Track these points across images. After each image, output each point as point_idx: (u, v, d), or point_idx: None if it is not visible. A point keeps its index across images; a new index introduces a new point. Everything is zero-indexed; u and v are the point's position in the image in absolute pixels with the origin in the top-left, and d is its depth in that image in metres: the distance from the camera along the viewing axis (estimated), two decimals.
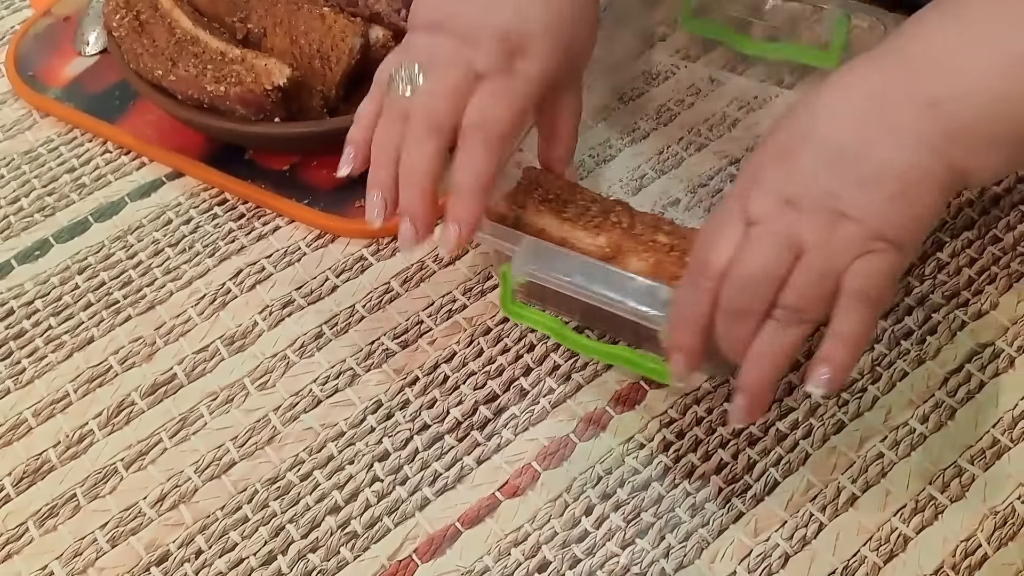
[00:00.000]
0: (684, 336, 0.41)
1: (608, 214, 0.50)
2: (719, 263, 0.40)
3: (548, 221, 0.49)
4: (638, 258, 0.48)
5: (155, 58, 0.59)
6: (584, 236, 0.49)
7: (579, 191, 0.51)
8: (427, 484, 0.49)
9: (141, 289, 0.57)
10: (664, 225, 0.49)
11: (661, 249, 0.48)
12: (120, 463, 0.50)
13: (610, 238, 0.49)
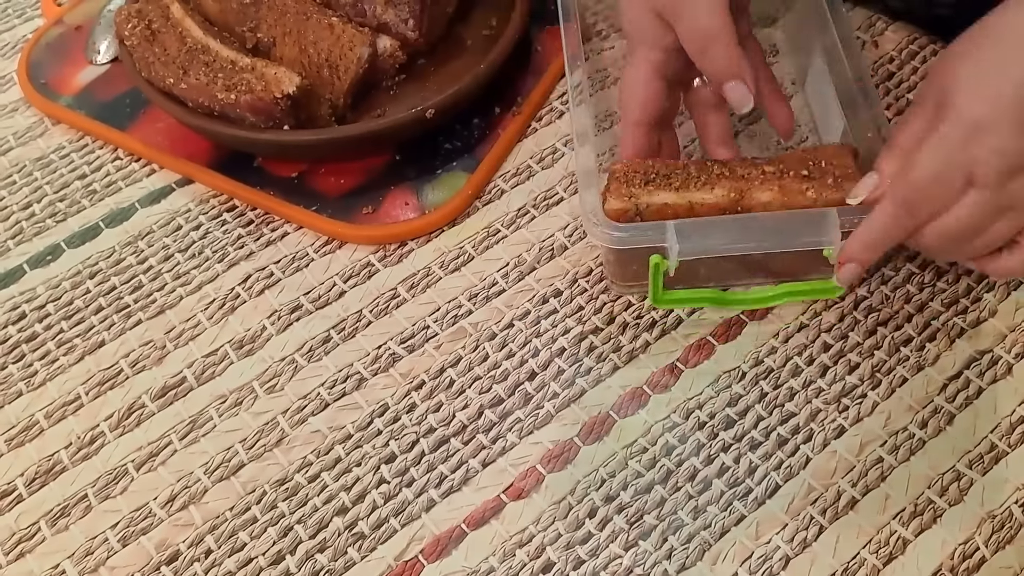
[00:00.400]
0: (867, 251, 0.47)
1: (708, 170, 0.51)
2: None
3: (666, 196, 0.50)
4: (761, 192, 0.50)
5: (166, 66, 0.60)
6: (704, 195, 0.50)
7: (668, 163, 0.52)
8: (433, 486, 0.49)
9: (151, 294, 0.58)
10: (756, 160, 0.52)
11: (772, 177, 0.50)
12: (131, 464, 0.51)
13: (726, 186, 0.50)
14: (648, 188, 0.50)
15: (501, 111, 0.64)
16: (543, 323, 0.55)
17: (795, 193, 0.50)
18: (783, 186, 0.50)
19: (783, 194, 0.50)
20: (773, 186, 0.50)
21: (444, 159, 0.62)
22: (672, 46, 0.51)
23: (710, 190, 0.50)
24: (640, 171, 0.51)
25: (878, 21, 0.69)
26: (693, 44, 0.50)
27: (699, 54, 0.50)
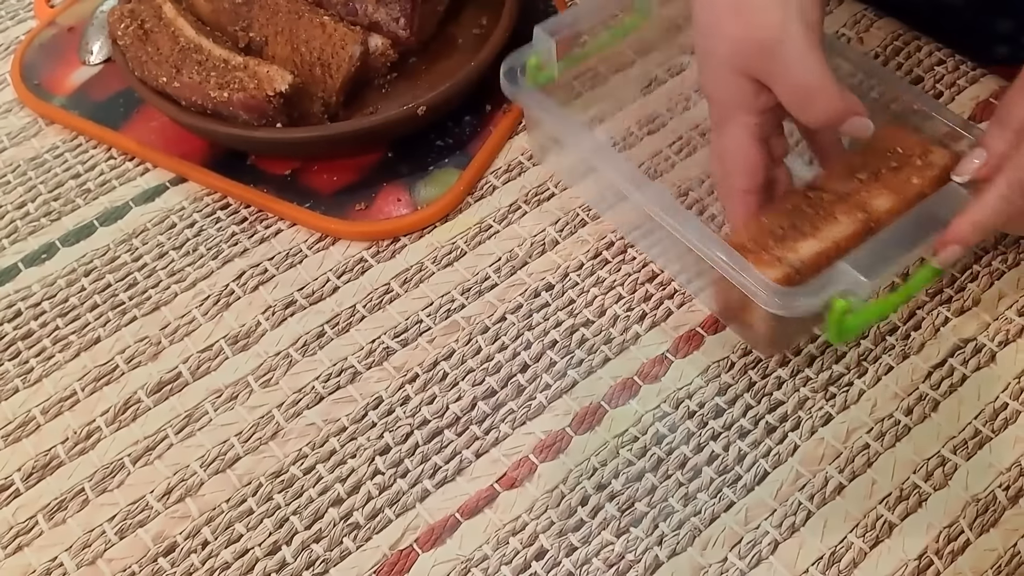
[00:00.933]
0: (977, 233, 0.47)
1: (817, 202, 0.50)
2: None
3: (811, 245, 0.48)
4: (878, 200, 0.49)
5: (159, 66, 0.61)
6: (838, 229, 0.49)
7: (778, 213, 0.50)
8: (427, 477, 0.50)
9: (146, 291, 0.58)
10: (852, 172, 0.51)
11: (873, 182, 0.50)
12: (127, 458, 0.51)
13: (847, 211, 0.49)
14: (787, 245, 0.48)
15: (492, 108, 0.65)
16: (535, 316, 0.56)
17: (904, 187, 0.50)
18: (889, 186, 0.50)
19: (896, 192, 0.50)
20: (881, 190, 0.50)
21: (436, 156, 0.63)
22: (767, 107, 0.49)
23: (837, 221, 0.49)
24: (766, 231, 0.49)
25: (863, 17, 0.70)
26: (795, 102, 0.47)
27: (802, 111, 0.47)
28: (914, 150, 0.52)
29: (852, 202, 0.50)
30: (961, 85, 0.65)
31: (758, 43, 0.46)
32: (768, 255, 0.48)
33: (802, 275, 0.48)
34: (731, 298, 0.51)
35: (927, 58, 0.67)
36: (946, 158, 0.52)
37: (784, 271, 0.47)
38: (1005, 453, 0.49)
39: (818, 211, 0.49)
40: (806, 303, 0.46)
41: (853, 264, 0.47)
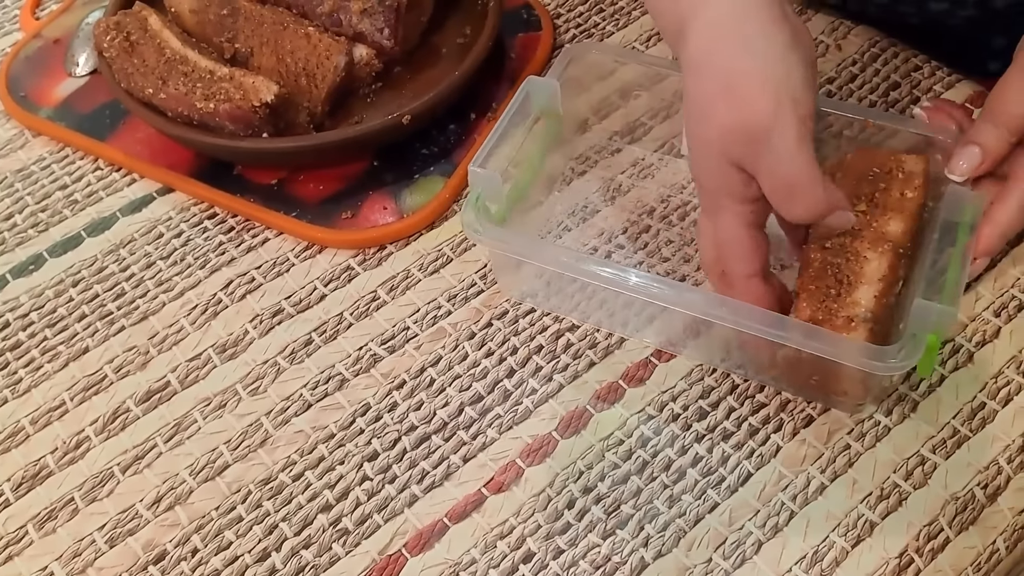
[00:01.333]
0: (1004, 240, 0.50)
1: (845, 248, 0.50)
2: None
3: (867, 291, 0.49)
4: (889, 226, 0.50)
5: (145, 77, 0.61)
6: (876, 267, 0.49)
7: (814, 270, 0.50)
8: (415, 482, 0.50)
9: (134, 300, 0.59)
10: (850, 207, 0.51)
11: (874, 209, 0.51)
12: (116, 467, 0.52)
13: (873, 247, 0.50)
14: (846, 301, 0.48)
15: (476, 117, 0.66)
16: (521, 322, 0.57)
17: (904, 204, 0.51)
18: (890, 208, 0.51)
19: (900, 211, 0.51)
20: (886, 214, 0.51)
21: (421, 164, 0.64)
22: (758, 196, 0.47)
23: (869, 260, 0.49)
24: (819, 298, 0.49)
25: (840, 25, 0.71)
26: (778, 197, 0.46)
27: (784, 206, 0.46)
28: (889, 165, 0.53)
29: (870, 236, 0.50)
30: (937, 91, 0.66)
31: (747, 131, 0.44)
32: (838, 319, 0.48)
33: (877, 323, 0.48)
34: (816, 373, 0.51)
35: (903, 64, 0.68)
36: (921, 162, 0.53)
37: (865, 329, 0.47)
38: (983, 452, 0.50)
39: (847, 258, 0.50)
40: (913, 353, 0.46)
41: (926, 296, 0.47)
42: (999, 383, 0.53)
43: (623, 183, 0.63)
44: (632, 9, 0.73)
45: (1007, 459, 0.50)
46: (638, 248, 0.59)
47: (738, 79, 0.44)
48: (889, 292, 0.49)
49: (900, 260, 0.50)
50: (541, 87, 0.58)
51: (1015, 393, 0.52)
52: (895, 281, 0.50)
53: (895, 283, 0.50)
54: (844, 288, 0.49)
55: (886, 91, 0.67)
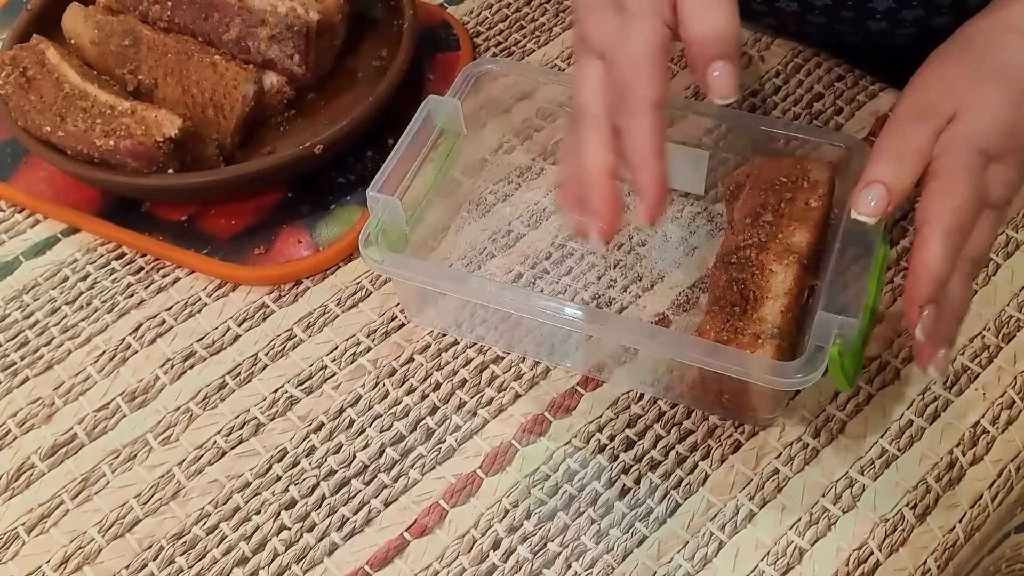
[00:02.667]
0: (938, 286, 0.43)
1: (749, 264, 0.50)
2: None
3: (771, 307, 0.49)
4: (794, 238, 0.51)
5: (43, 114, 0.59)
6: (784, 280, 0.49)
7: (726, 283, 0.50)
8: (335, 529, 0.49)
9: (38, 349, 0.56)
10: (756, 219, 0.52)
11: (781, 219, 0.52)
12: (21, 528, 0.49)
13: (780, 261, 0.50)
14: (752, 318, 0.48)
15: (393, 142, 0.64)
16: (443, 356, 0.55)
17: (808, 213, 0.51)
18: (795, 218, 0.51)
19: (804, 222, 0.51)
20: (791, 225, 0.51)
21: (338, 193, 0.62)
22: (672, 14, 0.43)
23: (775, 272, 0.49)
24: (724, 317, 0.49)
25: (763, 37, 0.70)
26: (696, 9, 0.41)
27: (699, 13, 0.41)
28: (794, 174, 0.53)
29: (775, 249, 0.50)
30: (860, 100, 0.66)
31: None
32: (745, 337, 0.48)
33: (784, 338, 0.48)
34: (726, 391, 0.50)
35: (827, 74, 0.68)
36: (825, 170, 0.53)
37: (772, 345, 0.47)
38: (911, 471, 0.50)
39: (752, 273, 0.50)
40: (817, 366, 0.45)
41: (829, 309, 0.46)
42: (926, 399, 0.52)
43: (547, 206, 0.62)
44: (552, 26, 0.72)
45: (935, 477, 0.50)
46: (562, 274, 0.58)
47: None
48: (795, 305, 0.49)
49: (806, 271, 0.50)
50: (442, 106, 0.57)
51: (942, 409, 0.52)
52: (801, 293, 0.49)
53: (801, 295, 0.49)
54: (750, 304, 0.49)
55: (810, 102, 0.66)
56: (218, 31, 0.62)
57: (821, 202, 0.52)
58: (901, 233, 0.59)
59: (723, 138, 0.60)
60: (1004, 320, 0.55)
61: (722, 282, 0.50)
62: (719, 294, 0.50)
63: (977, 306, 0.55)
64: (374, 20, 0.70)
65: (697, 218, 0.60)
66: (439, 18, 0.72)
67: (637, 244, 0.59)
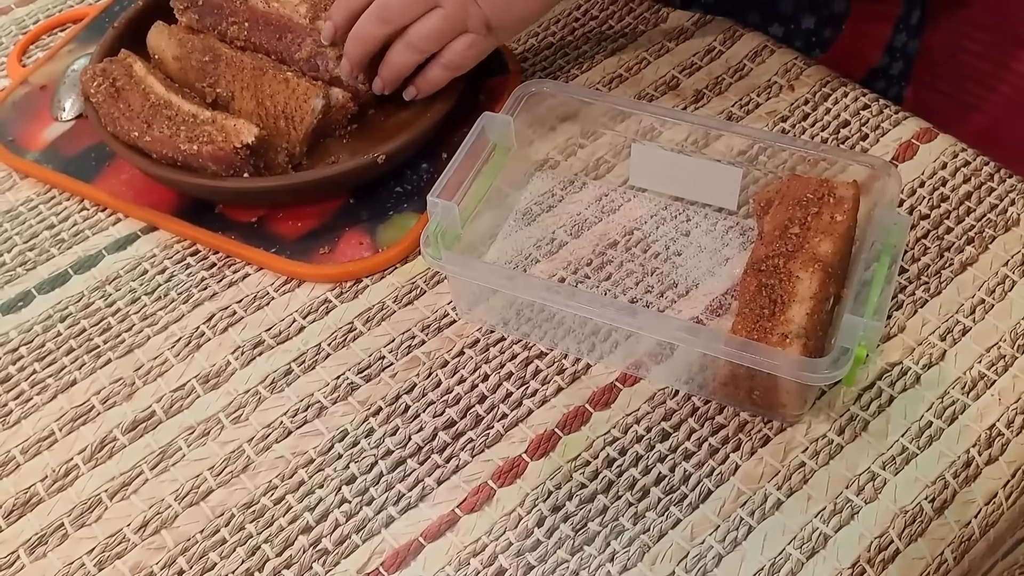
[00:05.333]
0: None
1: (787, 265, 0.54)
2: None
3: (797, 310, 0.52)
4: (820, 247, 0.55)
5: (131, 121, 0.64)
6: (809, 285, 0.53)
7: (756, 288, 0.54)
8: (391, 504, 0.53)
9: (120, 334, 0.61)
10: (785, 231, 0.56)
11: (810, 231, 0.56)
12: (104, 494, 0.54)
13: (806, 267, 0.54)
14: (779, 320, 0.52)
15: (448, 156, 0.69)
16: (491, 350, 0.59)
17: (834, 226, 0.55)
18: (822, 230, 0.55)
19: (831, 233, 0.55)
20: (818, 236, 0.55)
21: (395, 201, 0.66)
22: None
23: (801, 279, 0.53)
24: (754, 318, 0.52)
25: (793, 67, 0.75)
26: None
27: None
28: (821, 191, 0.57)
29: (802, 257, 0.54)
30: (885, 128, 0.70)
31: None
32: (774, 336, 0.52)
33: (809, 338, 0.52)
34: (757, 388, 0.54)
35: (853, 103, 0.72)
36: (851, 188, 0.57)
37: (799, 344, 0.51)
38: (930, 468, 0.53)
39: (780, 279, 0.54)
40: (844, 364, 0.49)
41: (854, 312, 0.51)
42: (945, 403, 0.56)
43: (588, 217, 0.66)
44: (595, 54, 0.77)
45: (953, 474, 0.53)
46: (602, 279, 0.62)
47: None
48: (820, 309, 0.53)
49: (830, 278, 0.54)
50: (496, 122, 0.62)
51: (960, 412, 0.55)
52: (825, 298, 0.53)
53: (825, 300, 0.53)
54: (778, 307, 0.52)
55: (837, 128, 0.71)
56: (290, 50, 0.68)
57: (846, 216, 0.56)
58: (923, 250, 0.63)
59: (755, 158, 0.64)
60: (1020, 332, 0.58)
61: (752, 287, 0.54)
62: (749, 298, 0.54)
63: (993, 319, 0.59)
64: None
65: (730, 231, 0.64)
66: None
67: (673, 254, 0.63)
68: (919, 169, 0.68)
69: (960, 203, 0.65)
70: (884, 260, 0.54)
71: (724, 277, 0.62)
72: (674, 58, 0.76)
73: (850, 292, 0.54)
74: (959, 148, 0.69)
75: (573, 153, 0.69)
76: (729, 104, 0.73)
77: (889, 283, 0.53)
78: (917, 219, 0.65)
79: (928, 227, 0.64)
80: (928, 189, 0.66)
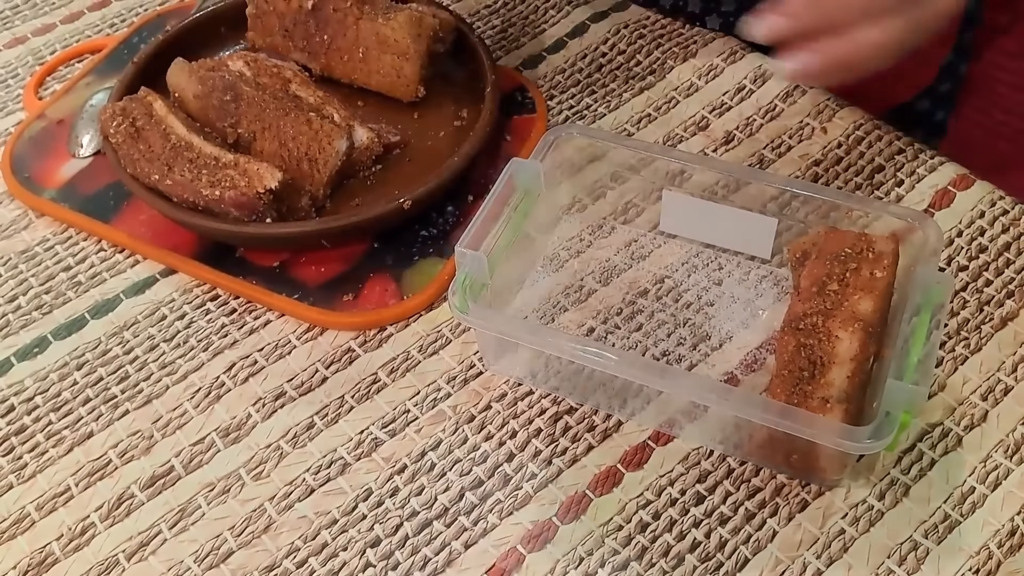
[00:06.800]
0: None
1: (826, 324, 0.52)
2: None
3: (837, 372, 0.51)
4: (860, 305, 0.53)
5: (151, 163, 0.62)
6: (848, 342, 0.51)
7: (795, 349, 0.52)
8: (418, 569, 0.51)
9: (138, 384, 0.59)
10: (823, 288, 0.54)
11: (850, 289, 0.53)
12: (122, 554, 0.52)
13: (846, 321, 0.52)
14: (819, 383, 0.50)
15: (474, 199, 0.67)
16: (519, 404, 0.58)
17: (874, 283, 0.53)
18: (861, 287, 0.53)
19: (870, 291, 0.53)
20: (857, 293, 0.53)
21: (421, 246, 0.65)
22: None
23: (841, 340, 0.51)
24: (793, 381, 0.51)
25: (826, 108, 0.73)
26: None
27: None
28: (859, 245, 0.55)
29: (841, 316, 0.52)
30: (921, 173, 0.69)
31: None
32: (814, 401, 0.50)
33: (850, 402, 0.50)
34: (795, 451, 0.52)
35: (887, 147, 0.71)
36: (890, 242, 0.56)
37: (840, 409, 0.50)
38: (974, 537, 0.51)
39: (819, 339, 0.52)
40: (888, 432, 0.48)
41: (896, 375, 0.49)
42: (987, 467, 0.54)
43: (617, 264, 0.64)
44: (623, 92, 0.76)
45: (997, 544, 0.51)
46: (633, 330, 0.61)
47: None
48: (861, 371, 0.51)
49: (871, 338, 0.52)
50: (525, 168, 0.60)
51: (1003, 477, 0.54)
52: (866, 359, 0.51)
53: (866, 361, 0.52)
54: (818, 369, 0.51)
55: (871, 173, 0.69)
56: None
57: (886, 272, 0.55)
58: (962, 304, 0.61)
59: (787, 205, 0.62)
60: None
61: (790, 347, 0.53)
62: (787, 358, 0.53)
63: None
64: (455, 82, 0.74)
65: (763, 281, 0.63)
66: (516, 82, 0.76)
67: (705, 304, 0.62)
68: (956, 218, 0.66)
69: (999, 254, 0.64)
70: (924, 319, 0.52)
71: (759, 330, 0.60)
72: (704, 97, 0.75)
73: (891, 353, 0.52)
74: (997, 196, 0.67)
75: (602, 196, 0.68)
76: (760, 146, 0.71)
77: (933, 345, 0.51)
78: (955, 270, 0.63)
79: (967, 279, 0.63)
80: (966, 239, 0.65)
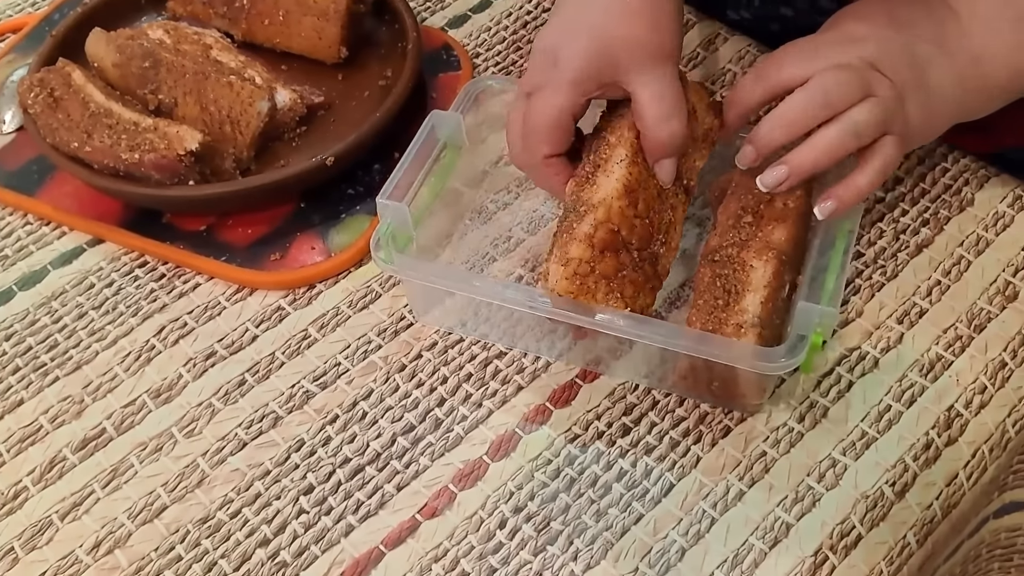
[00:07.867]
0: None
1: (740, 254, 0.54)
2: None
3: (751, 299, 0.52)
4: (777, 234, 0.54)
5: (70, 131, 0.62)
6: (762, 270, 0.53)
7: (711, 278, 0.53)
8: (351, 512, 0.52)
9: (67, 351, 0.60)
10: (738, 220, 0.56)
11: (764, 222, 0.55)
12: (55, 515, 0.53)
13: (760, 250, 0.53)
14: (734, 310, 0.51)
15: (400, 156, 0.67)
16: (450, 352, 0.58)
17: (786, 213, 0.54)
18: (774, 217, 0.54)
19: (783, 220, 0.54)
20: (770, 224, 0.54)
21: (347, 204, 0.65)
22: (599, 95, 0.54)
23: (755, 268, 0.53)
24: (709, 308, 0.52)
25: (717, 36, 0.75)
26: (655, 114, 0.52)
27: (657, 124, 0.52)
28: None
29: (756, 246, 0.54)
30: None
31: (657, 45, 0.53)
32: (728, 327, 0.51)
33: (765, 327, 0.51)
34: (715, 379, 0.54)
35: None
36: None
37: (754, 333, 0.51)
38: (890, 452, 0.53)
39: (734, 269, 0.53)
40: (800, 352, 0.49)
41: (809, 299, 0.51)
42: (903, 386, 0.56)
43: (545, 213, 0.65)
44: None
45: (913, 457, 0.53)
46: None
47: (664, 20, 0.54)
48: (775, 297, 0.52)
49: (785, 266, 0.53)
50: (445, 120, 0.61)
51: (919, 394, 0.55)
52: (780, 286, 0.53)
53: (780, 288, 0.53)
54: (732, 297, 0.52)
55: None
56: None
57: (798, 202, 0.56)
58: (879, 233, 0.63)
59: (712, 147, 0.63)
60: (975, 312, 0.59)
61: (706, 278, 0.54)
62: (703, 288, 0.54)
63: (950, 300, 0.59)
64: (379, 42, 0.74)
65: (687, 221, 0.64)
66: (441, 41, 0.76)
67: None
68: None
69: (915, 185, 0.65)
70: (839, 246, 0.54)
71: (681, 269, 0.61)
72: None
73: (804, 279, 0.53)
74: None
75: None
76: None
77: (844, 269, 0.52)
78: (872, 202, 0.65)
79: (883, 210, 0.64)
80: None
